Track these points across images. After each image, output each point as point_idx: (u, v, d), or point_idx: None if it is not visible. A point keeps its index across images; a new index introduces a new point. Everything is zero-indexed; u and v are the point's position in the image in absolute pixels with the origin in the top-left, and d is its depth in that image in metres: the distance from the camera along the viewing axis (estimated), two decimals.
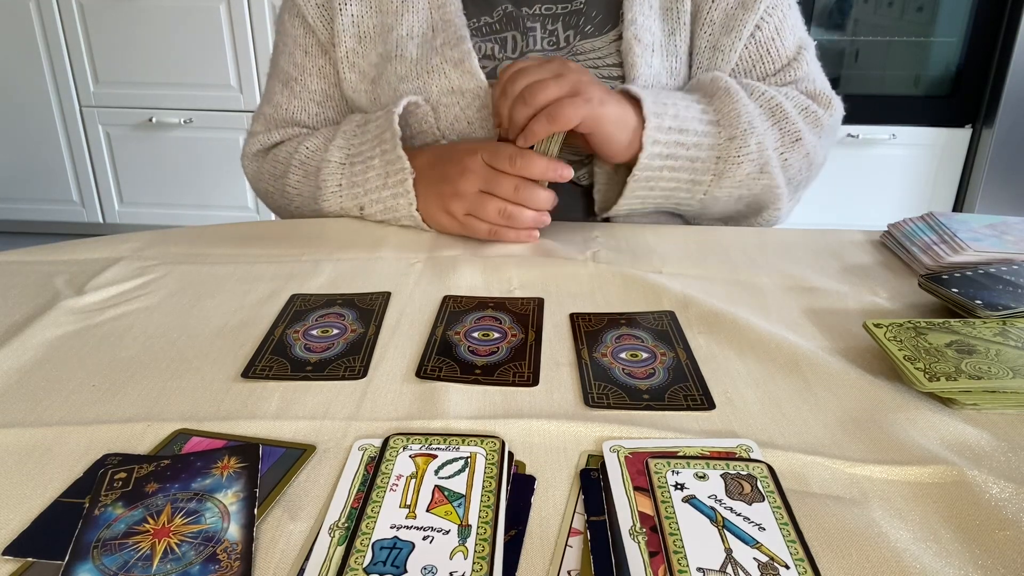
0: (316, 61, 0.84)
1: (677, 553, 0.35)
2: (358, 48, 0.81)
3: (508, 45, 0.80)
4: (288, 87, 0.86)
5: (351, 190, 0.77)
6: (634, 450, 0.42)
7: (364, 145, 0.76)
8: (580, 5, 0.79)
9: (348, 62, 0.81)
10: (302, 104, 0.85)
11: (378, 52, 0.80)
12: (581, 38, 0.79)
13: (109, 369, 0.51)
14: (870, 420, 0.45)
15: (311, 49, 0.84)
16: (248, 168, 0.90)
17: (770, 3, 0.78)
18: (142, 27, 2.35)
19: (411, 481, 0.39)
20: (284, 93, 0.86)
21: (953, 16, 2.16)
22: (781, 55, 0.80)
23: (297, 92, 0.85)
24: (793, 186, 0.80)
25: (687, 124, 0.70)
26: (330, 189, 0.78)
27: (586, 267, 0.66)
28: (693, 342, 0.54)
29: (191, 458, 0.41)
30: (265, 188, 0.88)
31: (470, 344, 0.54)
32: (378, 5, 0.80)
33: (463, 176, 0.70)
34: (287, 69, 0.85)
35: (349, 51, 0.81)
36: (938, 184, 2.32)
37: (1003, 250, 0.64)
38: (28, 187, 2.61)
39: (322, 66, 0.84)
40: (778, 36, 0.80)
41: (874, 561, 0.35)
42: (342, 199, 0.77)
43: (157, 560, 0.35)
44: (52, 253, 0.70)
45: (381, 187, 0.75)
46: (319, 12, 0.81)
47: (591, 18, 0.79)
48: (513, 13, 0.80)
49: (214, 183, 2.54)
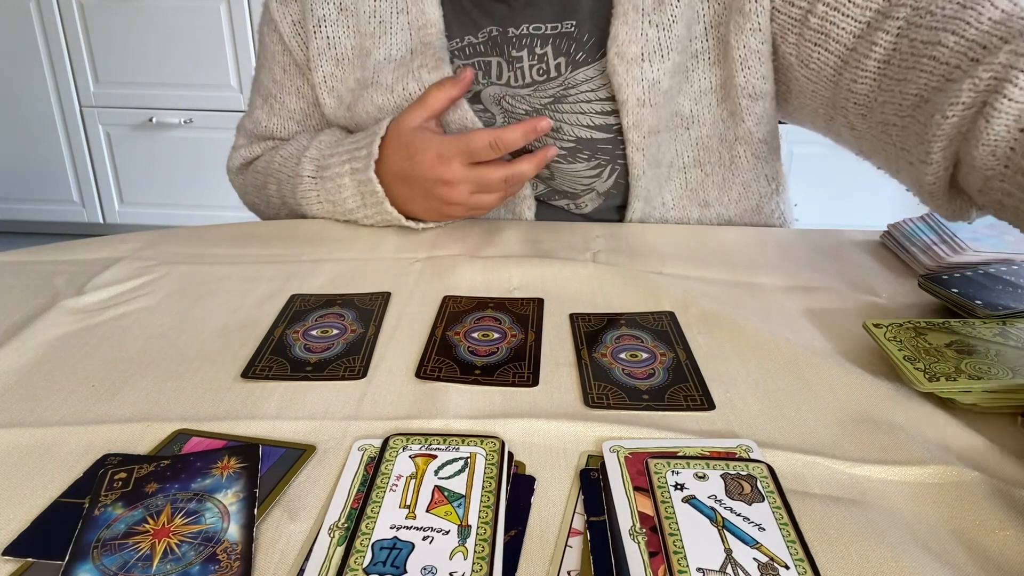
0: (294, 81, 0.81)
1: (677, 553, 0.35)
2: (336, 72, 0.77)
3: (492, 71, 0.75)
4: (268, 103, 0.83)
5: (332, 207, 0.75)
6: (634, 450, 0.42)
7: (333, 158, 0.74)
8: (571, 28, 0.71)
9: (326, 87, 0.77)
10: (281, 122, 0.83)
11: (356, 77, 0.76)
12: (573, 68, 0.72)
13: (109, 369, 0.51)
14: (870, 420, 0.45)
15: (289, 68, 0.80)
16: (234, 182, 0.88)
17: None
18: (142, 27, 2.35)
19: (411, 481, 0.39)
20: (264, 109, 0.83)
21: None
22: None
23: (276, 110, 0.82)
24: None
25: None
26: (312, 204, 0.76)
27: (586, 267, 0.66)
28: (693, 342, 0.54)
29: (191, 458, 0.41)
30: (251, 201, 0.87)
31: (470, 344, 0.54)
32: (356, 26, 0.75)
33: (449, 188, 0.68)
34: (267, 84, 0.83)
35: (327, 75, 0.77)
36: None
37: (1003, 250, 0.64)
38: (28, 187, 2.61)
39: (300, 86, 0.81)
40: None
41: (874, 561, 0.35)
42: (327, 209, 0.76)
43: (157, 560, 0.35)
44: (52, 253, 0.70)
45: (361, 206, 0.73)
46: (294, 31, 0.77)
47: (582, 43, 0.72)
48: (499, 37, 0.73)
49: (214, 183, 2.54)
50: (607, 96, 0.72)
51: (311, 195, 0.76)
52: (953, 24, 0.54)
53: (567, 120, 0.74)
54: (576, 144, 0.75)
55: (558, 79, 0.73)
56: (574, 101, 0.73)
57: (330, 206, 0.75)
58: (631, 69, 0.69)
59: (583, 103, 0.73)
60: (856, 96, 0.62)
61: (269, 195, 0.81)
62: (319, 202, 0.76)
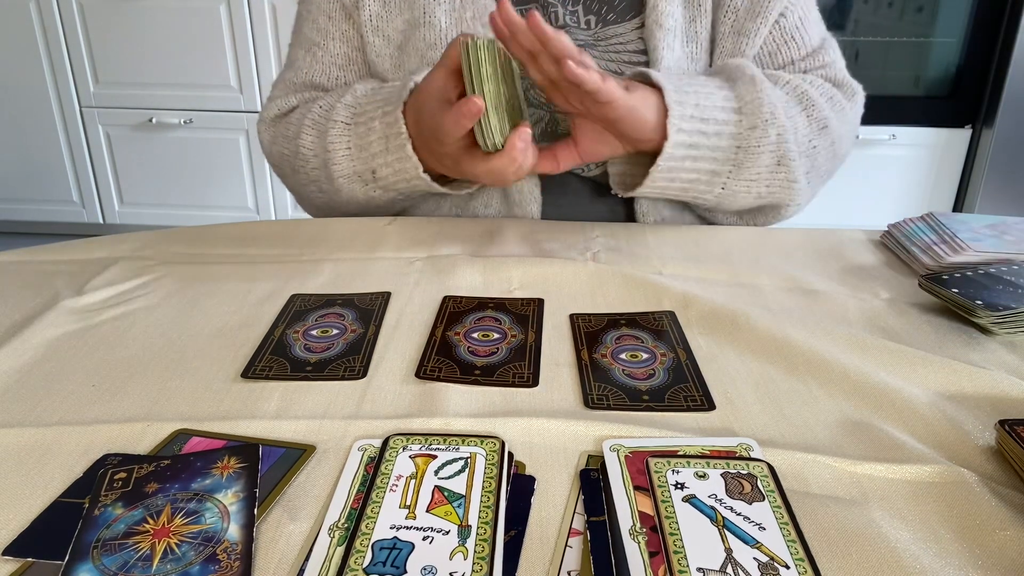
0: (340, 25, 0.83)
1: (677, 553, 0.35)
2: (382, 12, 0.81)
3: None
4: (311, 52, 0.85)
5: (359, 153, 0.75)
6: (634, 449, 0.42)
7: (370, 105, 0.75)
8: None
9: (372, 26, 0.81)
10: (323, 68, 0.85)
11: (404, 18, 0.80)
12: (603, 25, 0.78)
13: (109, 369, 0.51)
14: (870, 420, 0.45)
15: (335, 14, 0.83)
16: (264, 135, 0.88)
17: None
18: (142, 27, 2.35)
19: (411, 481, 0.39)
20: (306, 59, 0.85)
21: (953, 16, 2.16)
22: (806, 42, 0.80)
23: (319, 57, 0.85)
24: (817, 177, 0.79)
25: (708, 112, 0.70)
26: (339, 152, 0.76)
27: (586, 267, 0.66)
28: (693, 342, 0.54)
29: (191, 458, 0.41)
30: (280, 152, 0.86)
31: (470, 344, 0.54)
32: None
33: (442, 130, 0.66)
34: (310, 35, 0.85)
35: (373, 15, 0.81)
36: (938, 184, 2.32)
37: (1003, 250, 0.64)
38: (28, 187, 2.61)
39: (345, 30, 0.83)
40: (802, 26, 0.80)
41: (874, 561, 0.35)
42: (353, 163, 0.76)
43: (157, 560, 0.35)
44: (52, 253, 0.70)
45: (384, 151, 0.73)
46: None
47: (613, 6, 0.78)
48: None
49: (214, 183, 2.54)
50: (636, 49, 0.78)
51: (341, 140, 0.76)
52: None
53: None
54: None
55: (589, 31, 0.79)
56: (604, 50, 0.78)
57: (357, 151, 0.75)
58: (667, 39, 0.76)
59: (612, 53, 0.78)
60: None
61: (300, 145, 0.81)
62: (347, 148, 0.76)
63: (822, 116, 0.75)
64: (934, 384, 0.49)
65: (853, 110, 0.81)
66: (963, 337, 0.55)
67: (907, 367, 0.51)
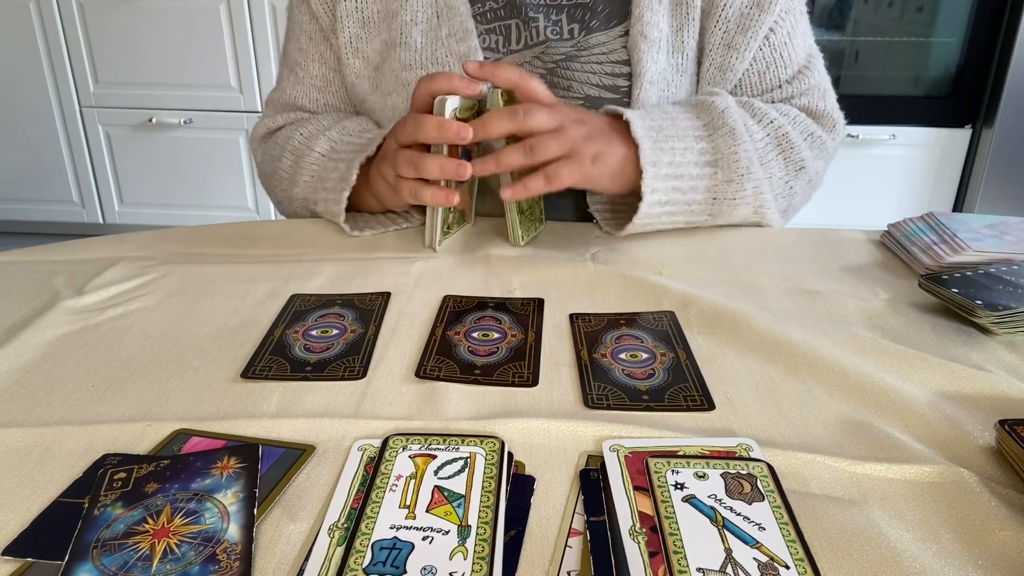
0: (318, 47, 0.85)
1: (677, 553, 0.35)
2: (361, 34, 0.81)
3: (512, 35, 0.79)
4: (293, 73, 0.87)
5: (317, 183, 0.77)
6: (634, 449, 0.42)
7: (345, 147, 0.77)
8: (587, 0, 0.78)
9: (351, 48, 0.82)
10: (304, 90, 0.86)
11: (382, 39, 0.81)
12: (586, 33, 0.78)
13: (108, 369, 0.51)
14: (870, 420, 0.45)
15: (314, 35, 0.85)
16: (256, 153, 0.91)
17: (784, 6, 0.78)
18: (142, 27, 2.35)
19: (411, 481, 0.39)
20: (289, 79, 0.87)
21: (953, 16, 2.16)
22: (793, 61, 0.81)
23: (300, 77, 0.86)
24: (793, 210, 0.82)
25: (684, 169, 0.70)
26: (304, 176, 0.79)
27: (586, 268, 0.66)
28: (693, 342, 0.54)
29: (191, 458, 0.41)
30: (266, 171, 0.89)
31: (470, 344, 0.54)
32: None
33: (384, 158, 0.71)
34: (293, 56, 0.87)
35: (352, 36, 0.82)
36: (938, 184, 2.32)
37: (1003, 250, 0.64)
38: (28, 187, 2.61)
39: (323, 52, 0.85)
40: (790, 41, 0.80)
41: (874, 561, 0.35)
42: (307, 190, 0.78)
43: (157, 560, 0.35)
44: (52, 253, 0.70)
45: (332, 189, 0.75)
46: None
47: (597, 13, 0.78)
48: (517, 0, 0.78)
49: (214, 183, 2.54)
50: (620, 60, 0.78)
51: (311, 168, 0.78)
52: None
53: (578, 79, 0.78)
54: (585, 102, 0.78)
55: (571, 41, 0.79)
56: (585, 61, 0.78)
57: (316, 181, 0.78)
58: (651, 51, 0.76)
59: (594, 64, 0.78)
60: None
61: (280, 168, 0.83)
62: (310, 176, 0.78)
63: (800, 158, 0.76)
64: (934, 384, 0.49)
65: (833, 143, 0.82)
66: (963, 337, 0.55)
67: (907, 367, 0.51)
